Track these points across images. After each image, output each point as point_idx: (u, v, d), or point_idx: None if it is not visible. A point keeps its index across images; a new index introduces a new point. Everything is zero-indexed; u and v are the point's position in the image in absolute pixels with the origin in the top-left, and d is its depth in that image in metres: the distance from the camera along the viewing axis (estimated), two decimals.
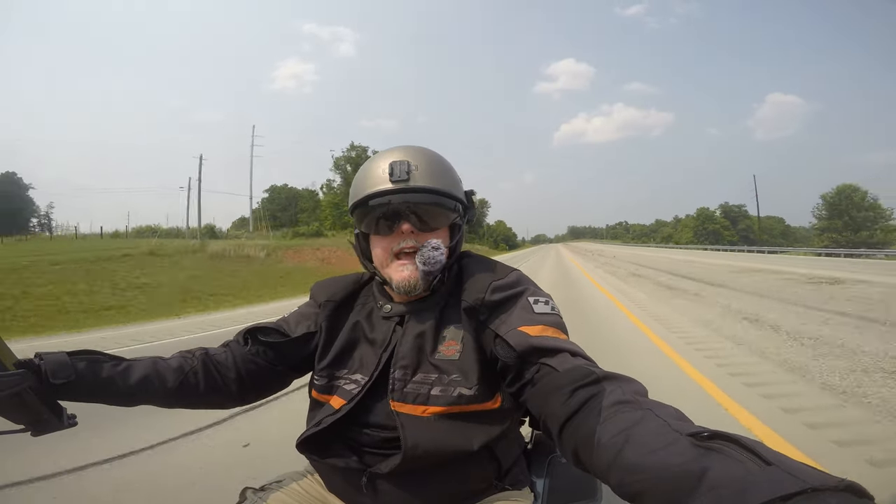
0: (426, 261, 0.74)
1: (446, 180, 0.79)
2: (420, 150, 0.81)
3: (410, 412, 0.72)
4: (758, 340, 4.64)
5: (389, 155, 0.79)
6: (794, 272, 12.65)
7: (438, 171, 0.79)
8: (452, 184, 0.81)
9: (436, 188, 0.77)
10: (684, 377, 3.52)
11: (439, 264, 0.76)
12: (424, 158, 0.79)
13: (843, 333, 4.76)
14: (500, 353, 0.70)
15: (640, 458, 0.43)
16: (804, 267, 14.74)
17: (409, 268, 0.76)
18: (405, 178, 0.76)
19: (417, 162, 0.77)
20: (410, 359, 0.75)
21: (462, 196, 0.83)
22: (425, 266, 0.75)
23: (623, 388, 0.55)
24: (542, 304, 0.73)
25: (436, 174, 0.78)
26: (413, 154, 0.79)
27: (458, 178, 0.84)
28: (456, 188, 0.81)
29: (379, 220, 0.78)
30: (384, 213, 0.77)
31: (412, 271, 0.75)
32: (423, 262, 0.75)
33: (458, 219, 0.82)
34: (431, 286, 0.78)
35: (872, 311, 5.91)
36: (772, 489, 0.33)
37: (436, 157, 0.81)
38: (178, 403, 0.79)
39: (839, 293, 7.82)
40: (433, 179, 0.77)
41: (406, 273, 0.76)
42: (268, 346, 0.84)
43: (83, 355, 0.71)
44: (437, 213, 0.78)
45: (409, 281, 0.75)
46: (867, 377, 3.29)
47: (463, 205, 0.83)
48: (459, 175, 0.85)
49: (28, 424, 0.66)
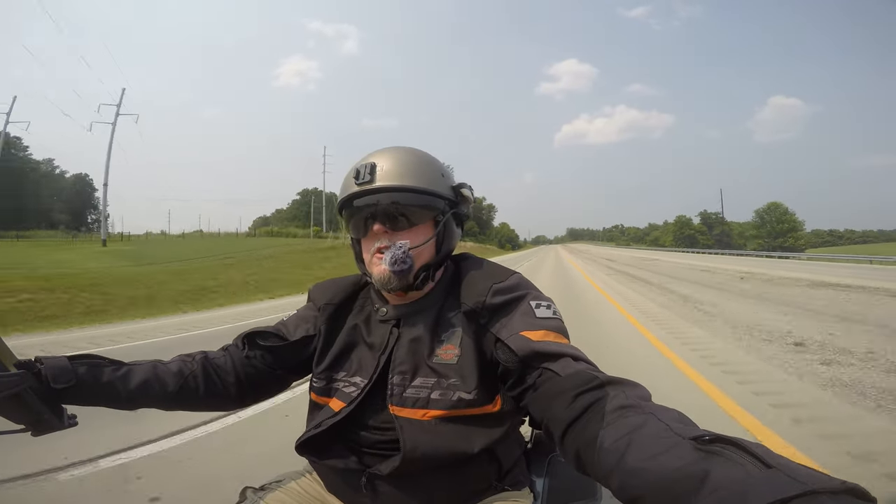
0: (391, 261, 0.74)
1: (419, 177, 0.77)
2: (391, 150, 0.80)
3: (410, 416, 0.72)
4: (650, 293, 8.31)
5: (363, 159, 0.79)
6: (717, 267, 17.48)
7: (407, 169, 0.77)
8: (428, 179, 0.78)
9: (401, 186, 0.76)
10: (606, 303, 8.02)
11: (407, 264, 0.74)
12: (392, 158, 0.78)
13: (720, 301, 7.91)
14: (502, 358, 0.70)
15: (641, 462, 0.43)
16: (732, 264, 19.55)
17: (383, 263, 0.76)
18: (368, 179, 0.76)
19: (383, 162, 0.77)
20: (408, 364, 0.74)
21: (444, 191, 0.80)
22: (392, 266, 0.74)
23: (626, 392, 0.55)
24: (544, 308, 0.73)
25: (404, 172, 0.77)
26: (382, 155, 0.78)
27: (441, 173, 0.81)
28: (433, 183, 0.79)
29: (356, 222, 0.80)
30: (356, 215, 0.79)
31: (385, 267, 0.75)
32: (391, 263, 0.74)
33: (439, 214, 0.80)
34: (416, 284, 0.77)
35: (752, 292, 9.09)
36: (773, 492, 0.33)
37: (407, 156, 0.79)
38: (179, 407, 0.79)
39: (740, 283, 11.09)
40: (399, 177, 0.76)
41: (382, 267, 0.75)
42: (266, 350, 0.84)
43: (83, 359, 0.71)
44: (406, 210, 0.77)
45: (383, 276, 0.75)
46: (725, 313, 6.46)
47: (448, 200, 0.81)
48: (454, 173, 0.84)
49: (28, 424, 0.66)
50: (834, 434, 2.34)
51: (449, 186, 0.82)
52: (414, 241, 0.76)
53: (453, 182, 0.84)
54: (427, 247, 0.78)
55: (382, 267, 0.75)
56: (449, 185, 0.82)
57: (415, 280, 0.77)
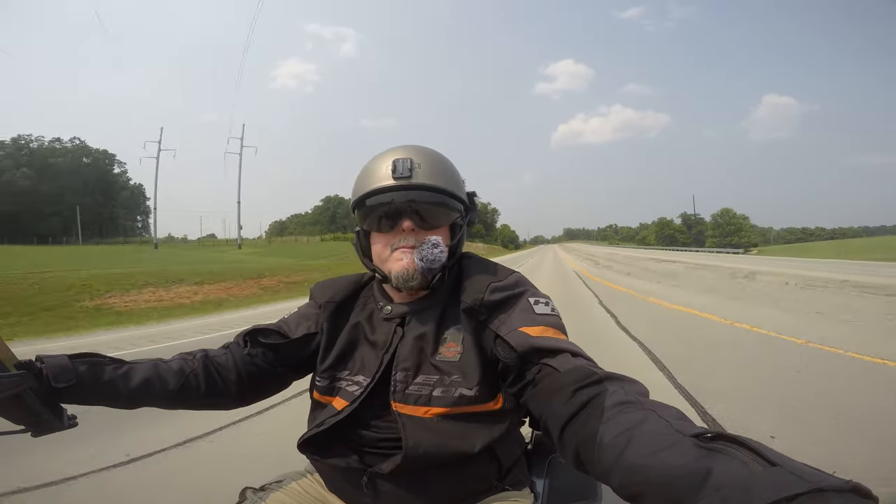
0: (425, 258, 0.74)
1: (449, 179, 0.79)
2: (423, 149, 0.81)
3: (412, 413, 0.72)
4: (610, 274, 15.38)
5: (392, 153, 0.79)
6: (658, 257, 24.86)
7: (441, 170, 0.79)
8: (455, 183, 0.81)
9: (439, 186, 0.77)
10: (570, 266, 22.23)
11: (438, 262, 0.75)
12: (427, 157, 0.79)
13: (611, 265, 20.41)
14: (501, 354, 0.70)
15: (642, 458, 0.43)
16: (670, 256, 25.81)
17: (408, 257, 0.75)
18: (408, 175, 0.76)
19: (420, 160, 0.77)
20: (412, 361, 0.75)
21: (464, 196, 0.83)
22: (423, 263, 0.74)
23: (625, 388, 0.55)
24: (543, 304, 0.74)
25: (438, 173, 0.78)
26: (416, 152, 0.79)
27: (461, 178, 0.84)
28: (458, 188, 0.81)
29: (381, 217, 0.78)
30: (386, 210, 0.77)
31: (410, 261, 0.75)
32: (422, 259, 0.74)
33: (460, 219, 0.82)
34: (431, 284, 0.78)
35: (680, 277, 12.55)
36: (776, 490, 0.33)
37: (438, 157, 0.81)
38: (180, 405, 0.79)
39: (688, 270, 14.51)
40: (436, 178, 0.77)
41: (404, 262, 0.75)
42: (268, 348, 0.84)
43: (84, 358, 0.71)
44: (438, 211, 0.78)
45: (407, 271, 0.75)
46: (607, 268, 18.51)
47: (465, 205, 0.83)
48: (460, 175, 0.85)
49: (28, 425, 0.65)
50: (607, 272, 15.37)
51: (465, 193, 0.84)
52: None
53: (466, 189, 0.86)
54: (447, 248, 0.79)
55: (405, 262, 0.75)
56: (465, 192, 0.84)
57: (431, 280, 0.77)
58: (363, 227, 0.82)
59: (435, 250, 0.74)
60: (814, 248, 42.58)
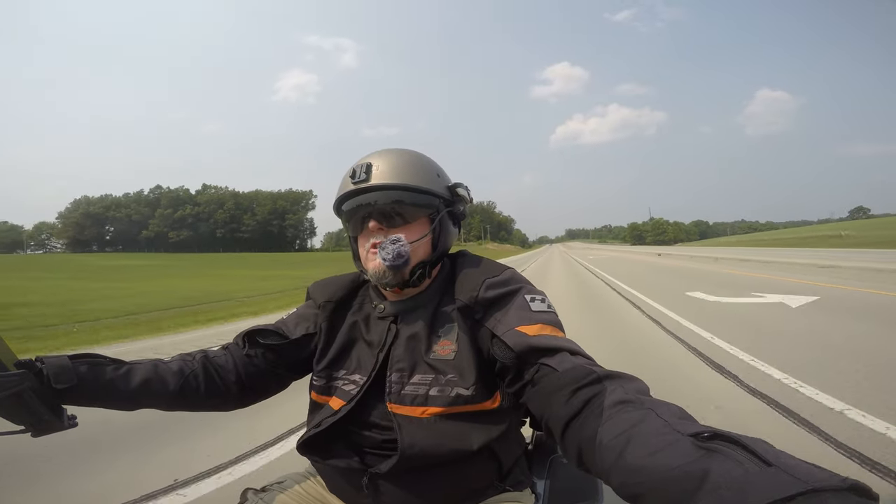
0: (385, 256, 0.74)
1: (412, 175, 0.79)
2: (387, 151, 0.81)
3: (409, 413, 0.72)
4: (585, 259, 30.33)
5: (360, 160, 0.81)
6: (616, 249, 57.06)
7: (402, 169, 0.78)
8: (421, 178, 0.79)
9: (395, 184, 0.77)
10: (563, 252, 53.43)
11: (402, 257, 0.74)
12: (388, 157, 0.79)
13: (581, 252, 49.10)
14: (499, 354, 0.69)
15: (641, 459, 0.43)
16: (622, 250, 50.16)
17: (378, 257, 0.76)
18: (364, 178, 0.77)
19: (379, 162, 0.79)
20: (406, 360, 0.74)
21: (440, 190, 0.81)
22: (386, 261, 0.74)
23: (624, 387, 0.55)
24: (539, 301, 0.73)
25: (398, 171, 0.78)
26: (378, 156, 0.80)
27: (437, 173, 0.82)
28: (428, 182, 0.80)
29: (352, 220, 0.81)
30: (352, 213, 0.80)
31: (380, 261, 0.75)
32: (384, 258, 0.74)
33: (434, 213, 0.81)
34: (412, 281, 0.78)
35: (627, 263, 23.61)
36: (773, 491, 0.32)
37: (404, 155, 0.81)
38: (180, 406, 0.79)
39: (631, 256, 34.43)
40: (394, 176, 0.77)
41: (377, 262, 0.76)
42: (267, 349, 0.84)
43: (84, 359, 0.71)
44: (401, 208, 0.78)
45: (378, 270, 0.76)
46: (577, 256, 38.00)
47: (443, 199, 0.82)
48: (450, 174, 0.85)
49: (28, 425, 0.65)
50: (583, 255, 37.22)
51: (444, 186, 0.83)
52: (409, 238, 0.76)
53: (449, 182, 0.85)
54: (423, 243, 0.78)
55: (377, 261, 0.75)
56: (445, 185, 0.83)
57: (411, 276, 0.77)
58: (347, 233, 0.85)
59: (393, 246, 0.74)
60: (717, 241, 66.59)
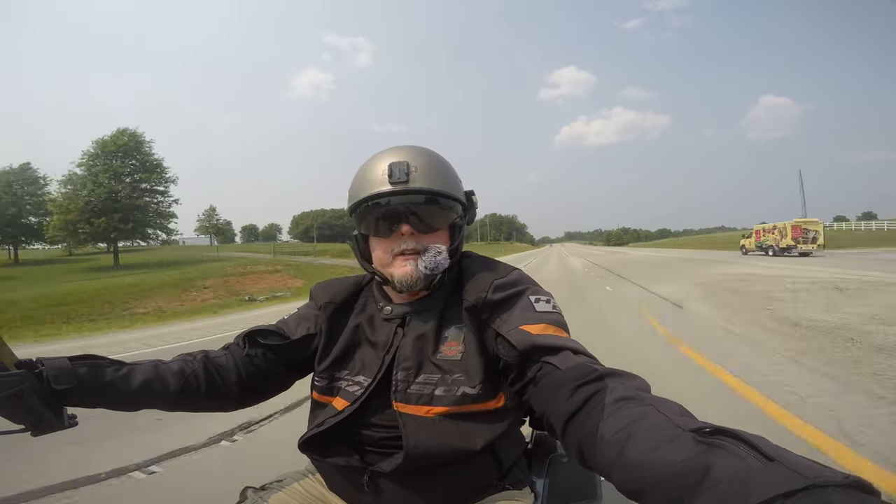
0: (428, 266, 0.75)
1: (445, 181, 0.79)
2: (419, 151, 0.80)
3: (414, 412, 0.72)
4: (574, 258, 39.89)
5: (388, 156, 0.78)
6: (599, 249, 78.33)
7: (437, 172, 0.78)
8: (452, 184, 0.80)
9: (435, 189, 0.77)
10: (559, 251, 69.00)
11: (441, 267, 0.76)
12: (423, 159, 0.78)
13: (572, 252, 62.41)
14: (502, 352, 0.70)
15: (642, 455, 0.43)
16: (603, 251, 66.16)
17: (411, 264, 0.75)
18: (404, 179, 0.75)
19: (417, 163, 0.77)
20: (413, 360, 0.74)
21: (461, 196, 0.82)
22: (427, 270, 0.75)
23: (626, 384, 0.55)
24: (544, 302, 0.74)
25: (435, 175, 0.78)
26: (412, 154, 0.78)
27: (458, 178, 0.83)
28: (455, 189, 0.81)
29: (378, 221, 0.78)
30: (383, 214, 0.77)
31: (413, 268, 0.75)
32: (426, 267, 0.75)
33: (459, 219, 0.82)
34: (431, 285, 0.78)
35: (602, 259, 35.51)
36: (774, 486, 0.32)
37: (435, 158, 0.80)
38: (181, 407, 0.79)
39: (590, 250, 65.42)
40: (432, 180, 0.77)
41: (408, 268, 0.75)
42: (267, 349, 0.84)
43: (84, 360, 0.70)
44: (436, 214, 0.78)
45: (411, 276, 0.75)
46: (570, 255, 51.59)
47: (462, 205, 0.83)
48: (461, 176, 0.84)
49: (28, 425, 0.65)
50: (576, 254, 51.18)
51: (463, 192, 0.84)
52: (436, 244, 0.77)
53: (463, 188, 0.85)
54: (448, 251, 0.79)
55: (408, 268, 0.75)
56: (463, 191, 0.84)
57: (433, 281, 0.78)
58: (361, 231, 0.82)
59: (438, 258, 0.75)
60: (667, 243, 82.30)
